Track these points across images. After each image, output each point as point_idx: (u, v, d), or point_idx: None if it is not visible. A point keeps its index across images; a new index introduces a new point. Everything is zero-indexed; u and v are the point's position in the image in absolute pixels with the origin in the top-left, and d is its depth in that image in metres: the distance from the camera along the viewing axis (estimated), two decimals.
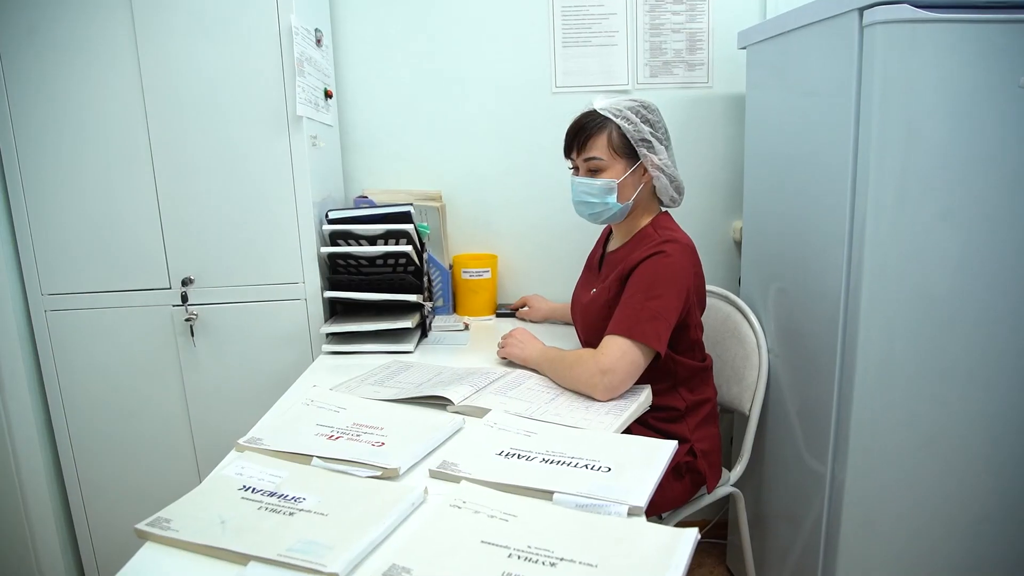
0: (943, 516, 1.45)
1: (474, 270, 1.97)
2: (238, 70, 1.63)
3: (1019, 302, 1.36)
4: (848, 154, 1.36)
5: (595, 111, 1.45)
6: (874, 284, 1.36)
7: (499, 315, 2.01)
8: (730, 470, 1.68)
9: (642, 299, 1.34)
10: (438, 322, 1.92)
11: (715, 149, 2.05)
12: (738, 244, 2.09)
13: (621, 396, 1.30)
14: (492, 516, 0.90)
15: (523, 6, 2.00)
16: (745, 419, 1.72)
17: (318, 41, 1.78)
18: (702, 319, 1.53)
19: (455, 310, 2.03)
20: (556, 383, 1.39)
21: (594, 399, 1.30)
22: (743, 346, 1.76)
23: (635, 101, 1.46)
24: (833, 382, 1.46)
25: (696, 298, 1.46)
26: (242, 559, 0.83)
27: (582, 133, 1.46)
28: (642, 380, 1.37)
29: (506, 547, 0.83)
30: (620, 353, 1.30)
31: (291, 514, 0.92)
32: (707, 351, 1.58)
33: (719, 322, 1.82)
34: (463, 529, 0.88)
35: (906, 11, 1.25)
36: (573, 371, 1.33)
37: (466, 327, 1.86)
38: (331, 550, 0.82)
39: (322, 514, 0.91)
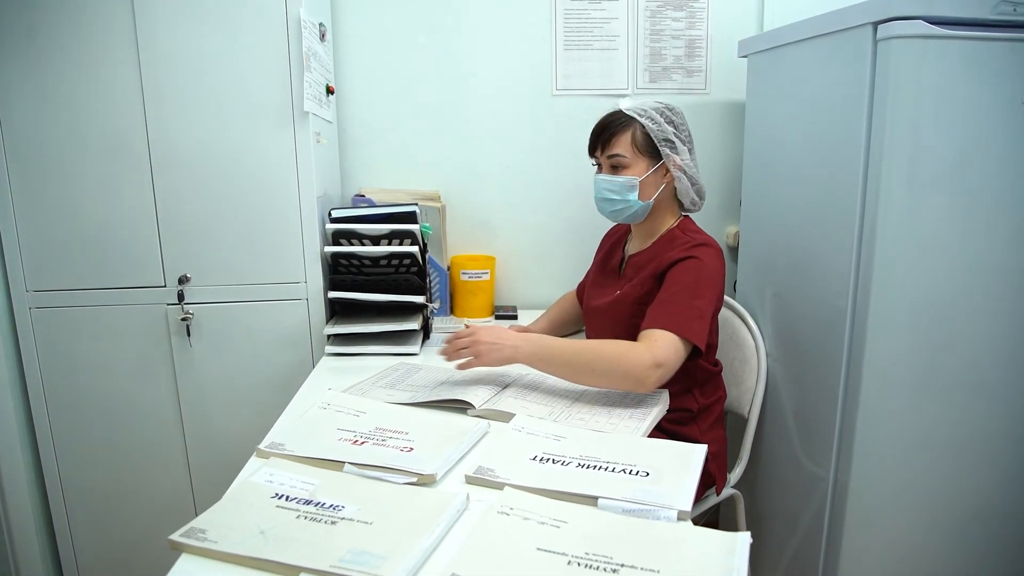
0: (947, 520, 1.50)
1: (473, 271, 1.95)
2: (242, 64, 1.58)
3: None
4: (859, 164, 1.39)
5: (621, 111, 1.48)
6: (882, 292, 1.39)
7: (498, 317, 2.00)
8: (729, 472, 1.71)
9: (688, 297, 1.35)
10: (437, 324, 1.90)
11: (711, 155, 2.07)
12: (732, 249, 2.12)
13: (641, 399, 1.31)
14: (542, 523, 0.89)
15: (525, 8, 2.00)
16: (743, 421, 1.74)
17: (322, 36, 1.74)
18: None
19: (452, 312, 2.01)
20: (575, 378, 1.33)
21: (631, 392, 1.32)
22: (742, 350, 1.79)
23: (660, 103, 1.48)
24: (837, 386, 1.49)
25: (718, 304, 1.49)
26: (291, 571, 0.80)
27: (607, 131, 1.48)
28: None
29: (563, 554, 0.83)
30: (673, 348, 1.30)
31: (333, 523, 0.89)
32: None
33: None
34: (516, 536, 0.87)
35: (920, 27, 1.28)
36: (622, 364, 1.27)
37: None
38: (385, 560, 0.81)
39: (366, 522, 0.89)
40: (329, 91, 1.82)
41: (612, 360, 1.28)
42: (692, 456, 1.07)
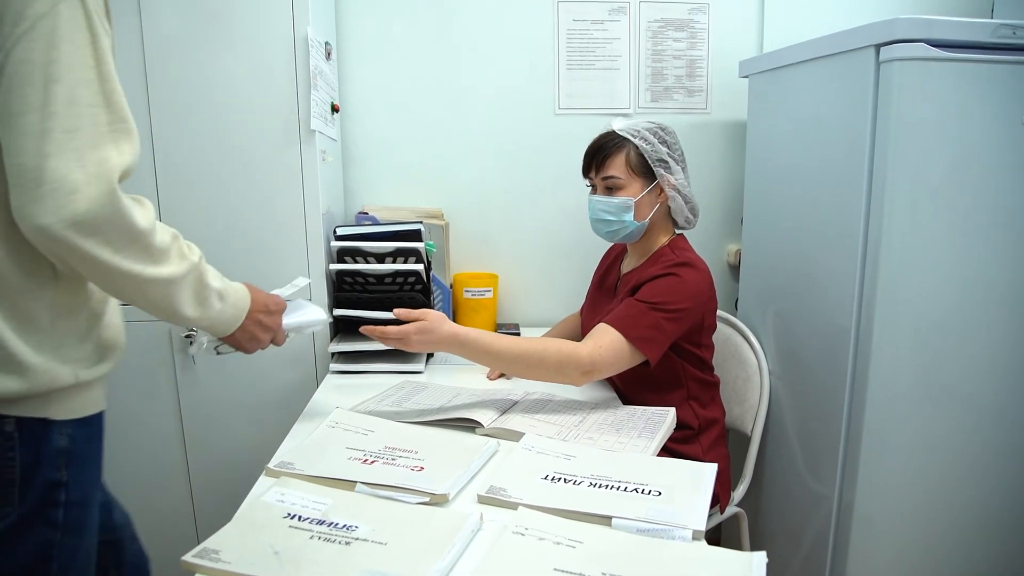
0: (953, 539, 1.50)
1: (476, 289, 1.96)
2: (250, 82, 1.59)
3: None
4: (861, 184, 1.41)
5: (614, 132, 1.50)
6: (886, 310, 1.40)
7: None
8: (733, 490, 1.71)
9: (649, 308, 1.37)
10: None
11: (712, 173, 2.09)
12: (732, 267, 2.13)
13: (649, 418, 1.31)
14: (558, 543, 0.89)
15: (528, 28, 2.02)
16: (746, 439, 1.75)
17: (328, 54, 1.75)
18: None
19: None
20: (513, 373, 1.39)
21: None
22: (744, 368, 1.79)
23: (653, 123, 1.50)
24: (841, 404, 1.49)
25: (707, 322, 1.50)
26: None
27: (601, 152, 1.49)
28: (653, 393, 1.42)
29: (580, 574, 0.83)
30: (613, 350, 1.33)
31: (347, 543, 0.89)
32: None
33: (719, 344, 1.85)
34: (533, 557, 0.86)
35: (922, 50, 1.30)
36: (560, 371, 1.33)
37: None
38: None
39: (380, 543, 0.89)
40: (334, 109, 1.83)
41: (551, 367, 1.33)
42: (703, 475, 1.07)
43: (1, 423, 0.94)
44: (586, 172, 1.54)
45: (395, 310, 1.32)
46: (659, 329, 1.36)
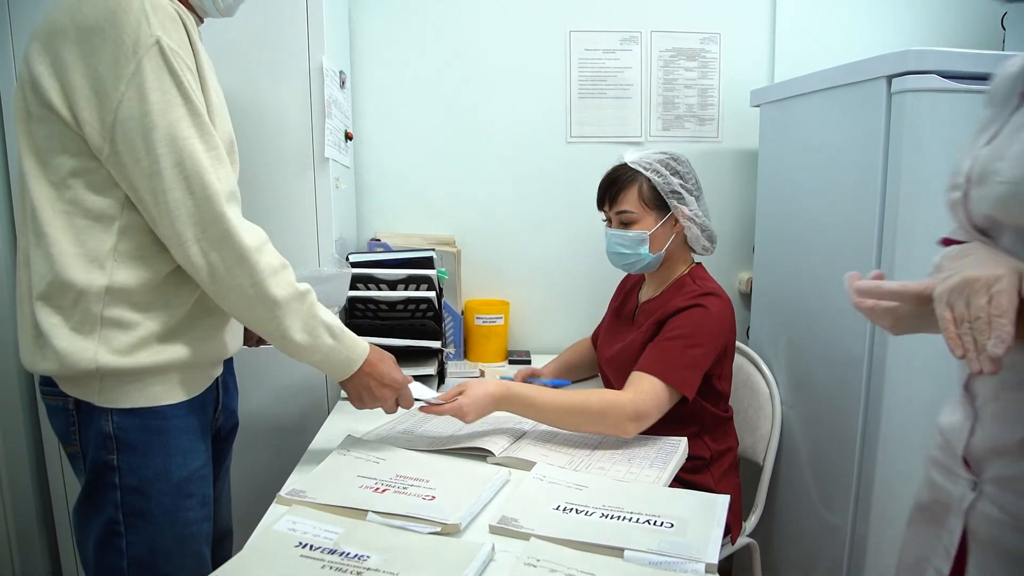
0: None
1: (487, 316, 1.96)
2: (266, 110, 1.61)
3: None
4: (874, 213, 1.41)
5: (626, 165, 1.50)
6: (899, 338, 1.39)
7: (511, 362, 2.00)
8: (744, 520, 1.69)
9: (683, 346, 1.36)
10: (451, 368, 1.89)
11: (723, 202, 2.10)
12: (744, 295, 2.13)
13: (661, 448, 1.30)
14: (570, 575, 0.89)
15: (540, 57, 2.05)
16: (758, 469, 1.73)
17: (342, 83, 1.78)
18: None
19: (466, 356, 2.01)
20: (561, 426, 1.34)
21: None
22: (756, 397, 1.78)
23: (664, 154, 1.50)
24: (855, 433, 1.48)
25: (729, 350, 1.50)
26: None
27: (613, 187, 1.50)
28: (670, 426, 1.39)
29: None
30: (656, 396, 1.32)
31: (359, 573, 0.89)
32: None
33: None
34: None
35: (934, 81, 1.31)
36: (604, 419, 1.30)
37: (482, 374, 1.85)
38: None
39: (392, 573, 0.89)
40: (348, 137, 1.85)
41: (595, 415, 1.31)
42: (715, 507, 1.06)
43: (65, 401, 1.04)
44: (600, 206, 1.55)
45: (439, 396, 1.31)
46: (694, 366, 1.37)
